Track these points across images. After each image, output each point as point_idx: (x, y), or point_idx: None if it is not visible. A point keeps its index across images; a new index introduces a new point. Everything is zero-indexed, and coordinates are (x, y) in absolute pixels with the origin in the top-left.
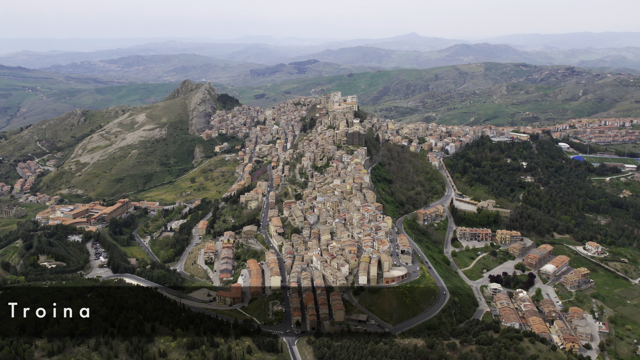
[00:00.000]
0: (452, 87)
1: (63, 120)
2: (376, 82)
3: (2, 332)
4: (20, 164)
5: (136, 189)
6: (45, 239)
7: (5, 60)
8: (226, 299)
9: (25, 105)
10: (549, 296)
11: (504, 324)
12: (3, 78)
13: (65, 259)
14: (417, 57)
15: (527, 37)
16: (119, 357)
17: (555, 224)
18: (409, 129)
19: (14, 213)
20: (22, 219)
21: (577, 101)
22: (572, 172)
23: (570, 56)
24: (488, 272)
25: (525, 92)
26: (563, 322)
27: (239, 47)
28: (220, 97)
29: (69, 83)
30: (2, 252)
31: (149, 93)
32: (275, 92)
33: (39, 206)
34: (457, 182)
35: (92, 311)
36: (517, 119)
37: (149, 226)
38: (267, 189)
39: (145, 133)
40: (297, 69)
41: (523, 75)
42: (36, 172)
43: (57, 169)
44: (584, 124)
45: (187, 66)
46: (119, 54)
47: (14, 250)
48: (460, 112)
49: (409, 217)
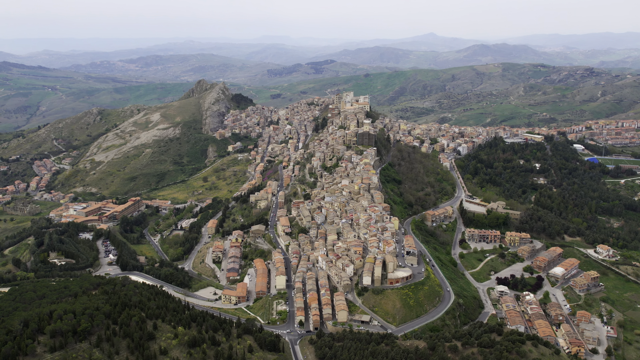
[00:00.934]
0: (469, 87)
1: (79, 119)
2: (392, 82)
3: (5, 328)
4: (37, 162)
5: (149, 188)
6: (57, 237)
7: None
8: (231, 297)
9: (45, 104)
10: (557, 299)
11: (509, 326)
12: (24, 77)
13: (74, 256)
14: (435, 57)
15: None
16: (120, 354)
17: (566, 226)
18: (421, 130)
19: (28, 210)
20: (36, 216)
21: (596, 102)
22: (586, 174)
23: (590, 57)
24: (496, 274)
25: (542, 93)
26: (570, 325)
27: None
28: (234, 97)
29: (88, 82)
30: (14, 249)
31: (167, 92)
32: (291, 92)
33: (53, 204)
34: (468, 183)
35: (95, 308)
36: (534, 120)
37: (159, 224)
38: (277, 189)
39: (159, 132)
40: (314, 69)
41: (541, 76)
42: (52, 170)
43: (72, 167)
44: (601, 126)
45: (205, 66)
46: (138, 54)
47: (25, 247)
48: (476, 113)
49: (417, 218)
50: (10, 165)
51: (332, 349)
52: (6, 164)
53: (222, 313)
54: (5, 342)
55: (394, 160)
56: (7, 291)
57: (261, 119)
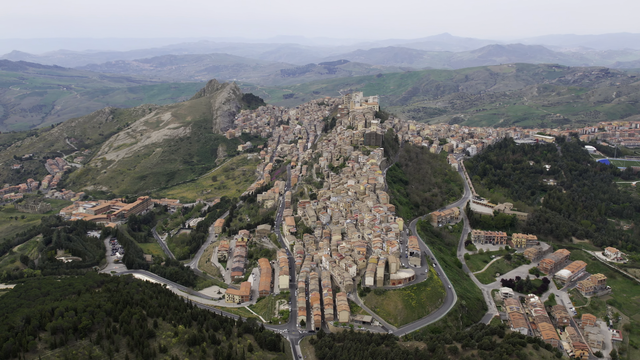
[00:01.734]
0: (482, 88)
1: (92, 118)
2: (405, 82)
3: (8, 324)
4: (49, 160)
5: (159, 187)
6: (65, 234)
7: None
8: (235, 296)
9: (60, 103)
10: (563, 302)
11: (512, 329)
12: (39, 76)
13: (81, 254)
14: (449, 57)
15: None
16: (120, 352)
17: (575, 228)
18: (430, 130)
19: (39, 208)
20: (47, 214)
21: (610, 103)
22: (596, 176)
23: (606, 57)
24: (501, 276)
25: (556, 94)
26: (575, 328)
27: (271, 47)
28: (245, 97)
29: (102, 82)
30: (22, 246)
31: (180, 92)
32: (304, 92)
33: (64, 202)
34: (476, 184)
35: (96, 305)
36: (547, 121)
37: (167, 223)
38: (284, 189)
39: (169, 132)
40: (327, 69)
41: (556, 76)
42: (64, 169)
43: (83, 165)
44: (614, 127)
45: (219, 65)
46: (153, 54)
47: (34, 245)
48: (489, 114)
49: (423, 218)
50: (23, 164)
51: (332, 349)
52: (19, 162)
53: (225, 312)
54: (7, 338)
55: (401, 161)
56: (13, 288)
57: (271, 118)
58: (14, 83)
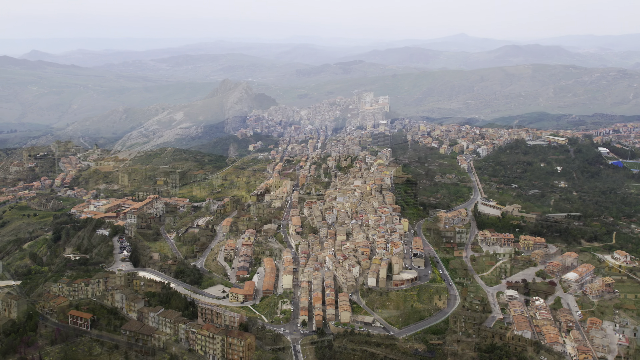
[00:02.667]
0: (497, 89)
1: (106, 118)
2: (420, 83)
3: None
4: (63, 158)
5: (169, 186)
6: (73, 232)
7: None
8: (238, 295)
9: (77, 103)
10: (569, 305)
11: (515, 332)
12: (57, 76)
13: (89, 251)
14: (466, 58)
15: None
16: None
17: (584, 231)
18: (441, 131)
19: (51, 206)
20: (59, 212)
21: (627, 105)
22: (609, 178)
23: (625, 58)
24: (506, 278)
25: (572, 95)
26: (580, 332)
27: (287, 47)
28: (257, 97)
29: (119, 81)
30: (32, 243)
31: (195, 92)
32: (318, 92)
33: (76, 200)
34: (486, 185)
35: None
36: (563, 122)
37: (176, 222)
38: (292, 189)
39: (181, 131)
40: (342, 70)
41: (572, 77)
42: (77, 167)
43: (96, 164)
44: (629, 129)
45: (235, 65)
46: (170, 53)
47: (43, 242)
48: (504, 115)
49: (429, 219)
50: (37, 162)
51: (332, 349)
52: (34, 160)
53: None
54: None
55: (410, 161)
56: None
57: (283, 118)
58: (32, 82)
